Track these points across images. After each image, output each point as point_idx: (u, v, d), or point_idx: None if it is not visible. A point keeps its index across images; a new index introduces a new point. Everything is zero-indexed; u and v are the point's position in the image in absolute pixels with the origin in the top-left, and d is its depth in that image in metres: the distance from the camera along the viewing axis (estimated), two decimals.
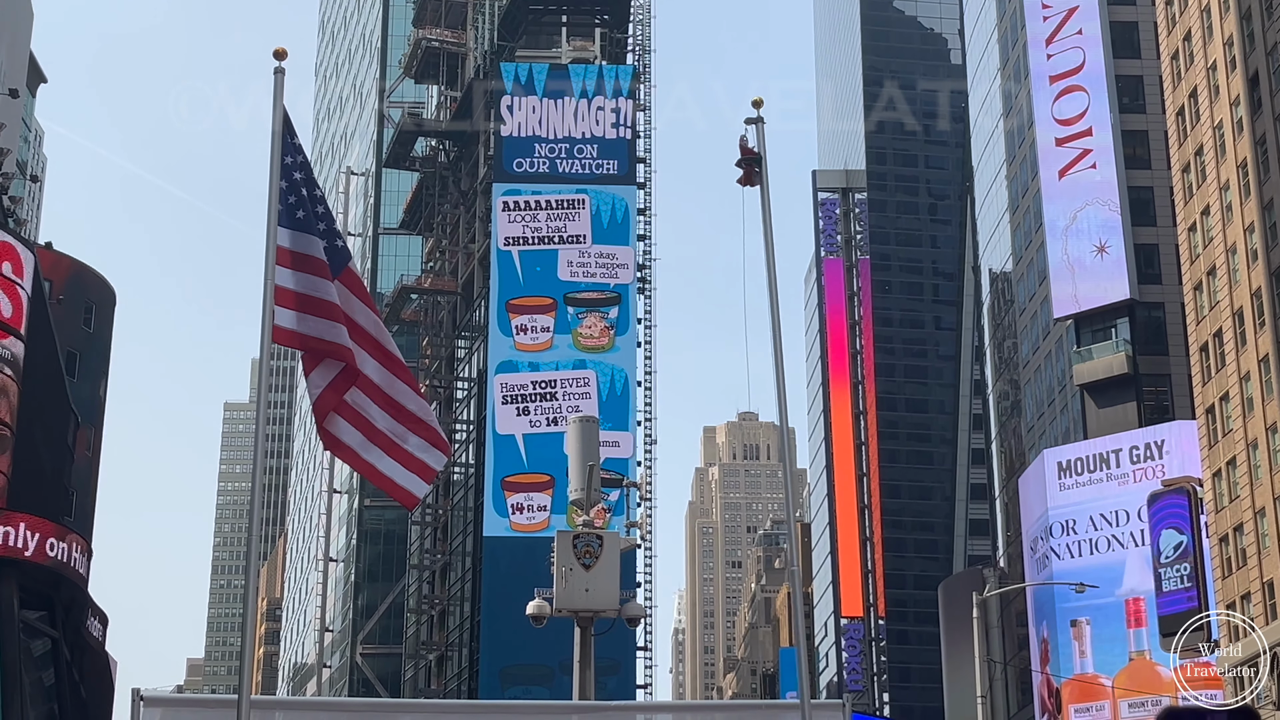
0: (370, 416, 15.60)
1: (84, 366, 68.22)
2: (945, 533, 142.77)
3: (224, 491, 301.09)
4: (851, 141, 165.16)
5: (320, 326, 15.08)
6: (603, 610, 21.18)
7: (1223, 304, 71.91)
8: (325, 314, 15.11)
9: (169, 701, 15.01)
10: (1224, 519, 71.44)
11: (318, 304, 15.08)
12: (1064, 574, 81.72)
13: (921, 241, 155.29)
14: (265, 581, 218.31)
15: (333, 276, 15.27)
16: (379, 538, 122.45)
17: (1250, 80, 69.79)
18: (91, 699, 54.07)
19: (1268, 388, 67.12)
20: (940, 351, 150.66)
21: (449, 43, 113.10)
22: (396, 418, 15.72)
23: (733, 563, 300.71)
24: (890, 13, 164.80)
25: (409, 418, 15.79)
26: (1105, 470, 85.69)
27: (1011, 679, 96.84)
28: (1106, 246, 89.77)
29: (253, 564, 15.20)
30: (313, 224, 15.31)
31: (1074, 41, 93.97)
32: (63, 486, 59.68)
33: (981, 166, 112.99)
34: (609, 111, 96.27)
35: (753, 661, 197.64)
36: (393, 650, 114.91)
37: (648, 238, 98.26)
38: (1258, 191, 68.54)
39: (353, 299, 15.48)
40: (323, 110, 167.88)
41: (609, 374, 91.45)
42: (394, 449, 15.78)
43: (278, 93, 15.79)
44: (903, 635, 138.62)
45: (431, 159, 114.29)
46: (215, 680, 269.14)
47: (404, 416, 15.77)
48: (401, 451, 15.78)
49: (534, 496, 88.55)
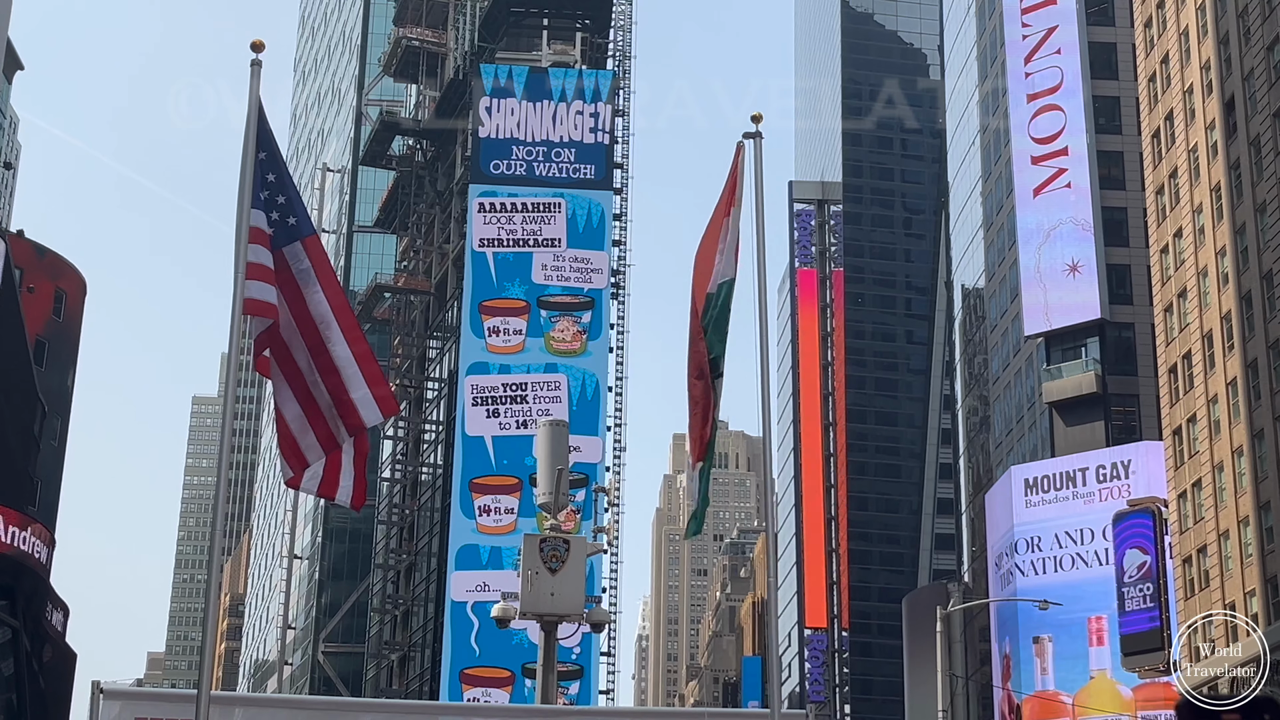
0: (300, 367, 15.82)
1: (52, 356, 67.87)
2: (911, 546, 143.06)
3: (190, 485, 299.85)
4: (828, 153, 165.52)
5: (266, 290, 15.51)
6: (568, 615, 21.12)
7: (1193, 326, 72.28)
8: (267, 279, 15.56)
9: (129, 695, 14.92)
10: (1188, 540, 71.76)
11: (264, 271, 15.49)
12: (1028, 591, 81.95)
13: (895, 255, 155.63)
14: (229, 577, 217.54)
15: (274, 247, 15.65)
16: (344, 536, 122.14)
17: (1226, 105, 70.19)
18: (51, 690, 53.76)
19: (1235, 411, 67.47)
20: (911, 365, 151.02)
21: (429, 42, 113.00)
22: (326, 379, 15.86)
23: (698, 570, 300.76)
24: (871, 27, 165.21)
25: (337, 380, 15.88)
26: (1071, 488, 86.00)
27: (973, 694, 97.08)
28: (1079, 266, 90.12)
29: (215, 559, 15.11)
30: (260, 198, 15.66)
31: (1052, 61, 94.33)
32: (28, 476, 59.36)
33: (957, 182, 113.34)
34: (587, 116, 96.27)
35: (715, 670, 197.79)
36: (355, 649, 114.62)
37: (623, 243, 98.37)
38: (1230, 215, 68.93)
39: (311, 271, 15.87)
40: (301, 106, 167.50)
41: (580, 378, 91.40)
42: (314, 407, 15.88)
43: (254, 85, 15.83)
44: (866, 647, 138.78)
45: (408, 158, 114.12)
46: (175, 675, 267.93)
47: (332, 377, 15.88)
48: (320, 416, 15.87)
49: (502, 499, 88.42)
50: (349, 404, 15.85)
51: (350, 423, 15.91)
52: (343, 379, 15.85)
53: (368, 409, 15.94)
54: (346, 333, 15.95)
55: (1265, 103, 66.32)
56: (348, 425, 15.92)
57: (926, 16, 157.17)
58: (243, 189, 15.57)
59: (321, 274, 15.92)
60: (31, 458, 59.88)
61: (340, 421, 15.88)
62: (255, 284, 15.39)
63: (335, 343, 15.84)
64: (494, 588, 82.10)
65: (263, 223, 15.56)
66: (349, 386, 15.85)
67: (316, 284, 15.86)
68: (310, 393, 15.83)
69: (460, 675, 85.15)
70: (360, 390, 15.91)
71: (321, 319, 15.82)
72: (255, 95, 15.82)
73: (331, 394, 15.84)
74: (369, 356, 16.10)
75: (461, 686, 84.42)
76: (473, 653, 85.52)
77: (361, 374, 15.92)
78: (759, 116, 18.42)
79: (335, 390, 15.83)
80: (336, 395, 15.84)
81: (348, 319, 16.05)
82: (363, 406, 15.90)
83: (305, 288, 15.78)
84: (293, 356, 15.77)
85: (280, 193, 15.79)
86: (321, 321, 15.81)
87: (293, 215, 15.86)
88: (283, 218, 15.75)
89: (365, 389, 15.95)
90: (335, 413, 15.84)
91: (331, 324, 15.87)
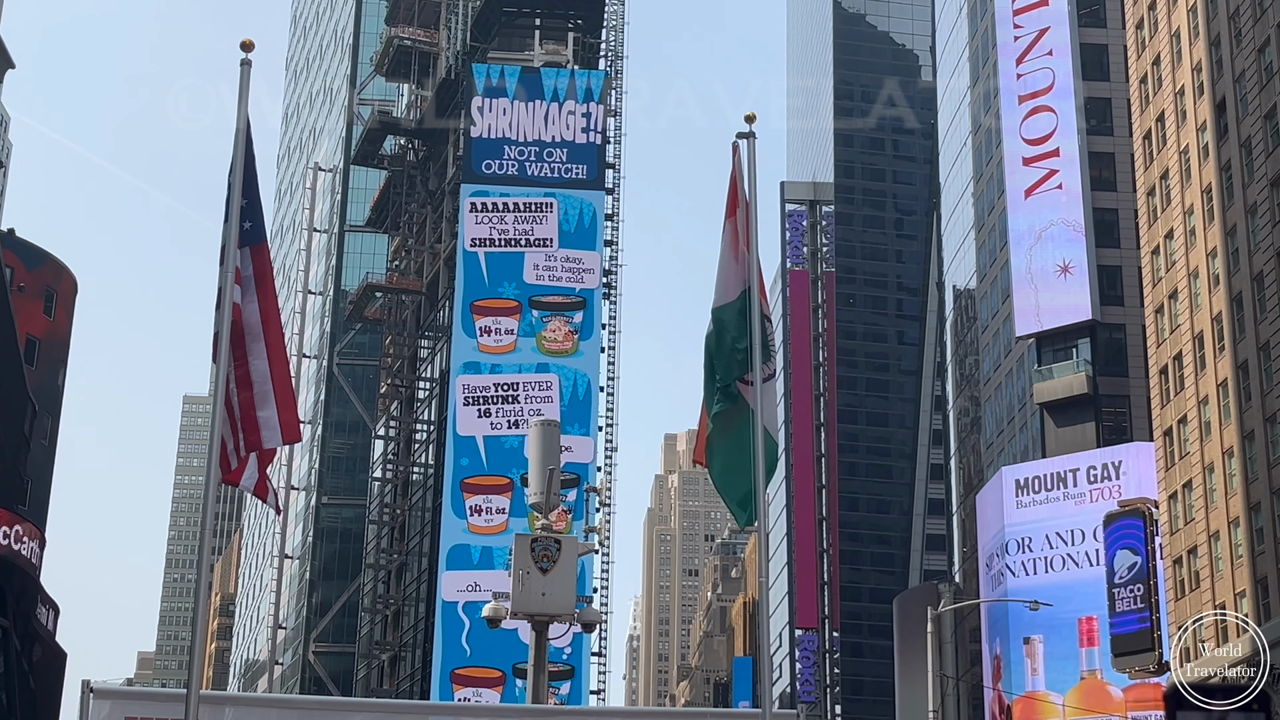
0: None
1: (43, 355, 67.77)
2: (902, 547, 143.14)
3: (180, 485, 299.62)
4: (820, 154, 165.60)
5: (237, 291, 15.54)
6: (559, 615, 21.11)
7: (1183, 327, 72.38)
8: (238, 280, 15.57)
9: (119, 694, 14.90)
10: (1179, 541, 71.86)
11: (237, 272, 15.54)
12: (1019, 591, 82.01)
13: (887, 256, 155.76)
14: (219, 576, 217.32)
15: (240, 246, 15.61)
16: (335, 535, 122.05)
17: (1217, 106, 70.30)
18: (41, 689, 53.66)
19: (1225, 412, 67.57)
20: (902, 366, 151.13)
21: (421, 42, 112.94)
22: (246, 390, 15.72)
23: (690, 571, 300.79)
24: (863, 27, 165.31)
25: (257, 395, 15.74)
26: (1062, 489, 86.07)
27: (963, 695, 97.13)
28: (1070, 267, 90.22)
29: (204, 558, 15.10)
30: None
31: (1044, 62, 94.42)
32: (18, 474, 59.27)
33: (949, 183, 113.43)
34: (579, 116, 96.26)
35: (706, 670, 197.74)
36: (346, 649, 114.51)
37: (615, 243, 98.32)
38: (1221, 217, 69.04)
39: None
40: (292, 105, 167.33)
41: (571, 378, 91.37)
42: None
43: (244, 84, 15.79)
44: (856, 648, 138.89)
45: (400, 157, 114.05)
46: (166, 674, 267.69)
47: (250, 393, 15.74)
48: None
49: (493, 499, 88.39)
50: (253, 421, 15.64)
51: (249, 440, 15.72)
52: (254, 395, 15.67)
53: (269, 431, 15.69)
54: (270, 349, 15.75)
55: (1256, 105, 66.41)
56: (247, 442, 15.73)
57: (918, 18, 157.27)
58: (234, 188, 15.53)
59: (262, 285, 15.75)
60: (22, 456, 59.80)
61: (242, 437, 15.68)
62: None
63: (257, 356, 15.68)
64: (485, 587, 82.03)
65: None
66: (257, 404, 15.64)
67: (254, 294, 15.70)
68: (229, 399, 15.64)
69: (451, 675, 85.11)
70: (268, 410, 15.66)
71: (250, 330, 15.66)
72: (246, 94, 15.79)
73: (241, 408, 15.68)
74: (285, 378, 15.83)
75: (452, 686, 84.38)
76: (464, 653, 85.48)
77: (273, 394, 15.74)
78: (752, 117, 18.41)
79: (245, 404, 15.66)
80: (245, 410, 15.67)
81: (275, 335, 15.83)
82: (265, 427, 15.65)
83: (245, 295, 15.64)
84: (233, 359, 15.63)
85: (245, 194, 15.71)
86: (250, 333, 15.67)
87: (249, 220, 15.75)
88: (241, 220, 15.66)
89: (273, 410, 15.70)
90: (240, 426, 15.63)
91: (259, 337, 15.69)
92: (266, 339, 15.67)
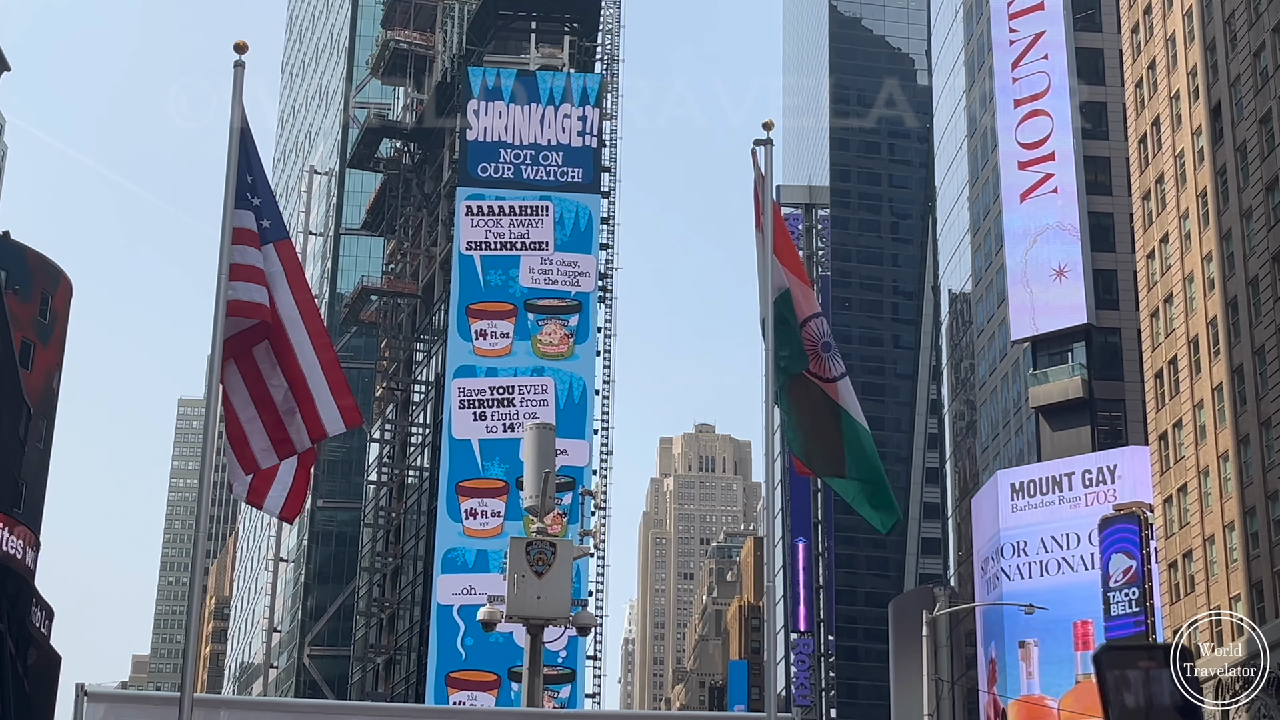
0: (269, 380, 15.64)
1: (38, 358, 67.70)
2: (897, 550, 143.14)
3: (175, 488, 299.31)
4: (815, 157, 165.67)
5: (253, 291, 15.40)
6: (554, 618, 21.09)
7: (1179, 331, 72.41)
8: (255, 279, 15.45)
9: (113, 697, 14.86)
10: (1174, 545, 71.88)
11: (252, 271, 15.39)
12: (1014, 595, 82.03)
13: (882, 260, 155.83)
14: (214, 580, 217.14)
15: (261, 245, 15.57)
16: (330, 539, 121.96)
17: (1213, 111, 70.33)
18: (35, 692, 53.60)
19: (1220, 416, 67.59)
20: (898, 370, 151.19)
21: (417, 45, 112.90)
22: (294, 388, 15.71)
23: (685, 574, 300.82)
24: (859, 31, 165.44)
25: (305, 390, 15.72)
26: (1058, 493, 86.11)
27: (959, 698, 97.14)
28: (1065, 271, 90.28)
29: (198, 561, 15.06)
30: (246, 199, 15.60)
31: (1039, 66, 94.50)
32: (12, 478, 59.20)
33: (944, 187, 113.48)
34: (575, 119, 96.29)
35: (701, 674, 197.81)
36: (341, 652, 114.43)
37: (610, 246, 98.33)
38: (1216, 221, 69.07)
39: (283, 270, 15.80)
40: (288, 108, 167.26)
41: (567, 381, 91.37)
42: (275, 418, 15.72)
43: (237, 87, 15.77)
44: (852, 651, 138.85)
45: (396, 160, 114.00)
46: (161, 678, 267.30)
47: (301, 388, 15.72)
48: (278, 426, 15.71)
49: (488, 502, 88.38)
50: (313, 412, 15.73)
51: (313, 431, 15.80)
52: (309, 385, 15.78)
53: (330, 418, 15.81)
54: (314, 339, 15.83)
55: (1251, 109, 66.46)
56: (311, 433, 15.82)
57: (914, 21, 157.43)
58: (228, 190, 15.52)
59: (292, 278, 15.83)
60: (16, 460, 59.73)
61: (304, 428, 15.73)
62: (242, 285, 15.32)
63: (303, 348, 15.75)
64: (480, 591, 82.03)
65: (250, 223, 15.53)
66: (314, 394, 15.76)
67: (287, 288, 15.77)
68: (270, 396, 15.68)
69: (446, 679, 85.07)
70: (325, 398, 15.77)
71: (290, 323, 15.73)
72: (239, 96, 15.77)
73: (298, 400, 15.72)
74: (335, 364, 15.97)
75: (447, 690, 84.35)
76: (459, 656, 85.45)
77: (327, 382, 15.84)
78: (770, 124, 18.38)
79: (301, 397, 15.72)
80: (302, 401, 15.72)
81: (316, 325, 15.92)
82: (326, 415, 15.80)
83: (275, 291, 15.70)
84: (255, 358, 15.64)
85: (256, 194, 15.75)
86: (291, 326, 15.73)
87: (267, 218, 15.80)
88: (258, 220, 15.70)
89: (330, 397, 15.79)
90: (300, 420, 15.68)
91: (300, 329, 15.77)
92: (309, 330, 15.76)
